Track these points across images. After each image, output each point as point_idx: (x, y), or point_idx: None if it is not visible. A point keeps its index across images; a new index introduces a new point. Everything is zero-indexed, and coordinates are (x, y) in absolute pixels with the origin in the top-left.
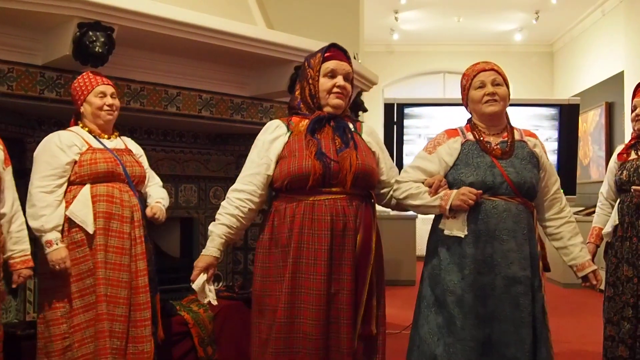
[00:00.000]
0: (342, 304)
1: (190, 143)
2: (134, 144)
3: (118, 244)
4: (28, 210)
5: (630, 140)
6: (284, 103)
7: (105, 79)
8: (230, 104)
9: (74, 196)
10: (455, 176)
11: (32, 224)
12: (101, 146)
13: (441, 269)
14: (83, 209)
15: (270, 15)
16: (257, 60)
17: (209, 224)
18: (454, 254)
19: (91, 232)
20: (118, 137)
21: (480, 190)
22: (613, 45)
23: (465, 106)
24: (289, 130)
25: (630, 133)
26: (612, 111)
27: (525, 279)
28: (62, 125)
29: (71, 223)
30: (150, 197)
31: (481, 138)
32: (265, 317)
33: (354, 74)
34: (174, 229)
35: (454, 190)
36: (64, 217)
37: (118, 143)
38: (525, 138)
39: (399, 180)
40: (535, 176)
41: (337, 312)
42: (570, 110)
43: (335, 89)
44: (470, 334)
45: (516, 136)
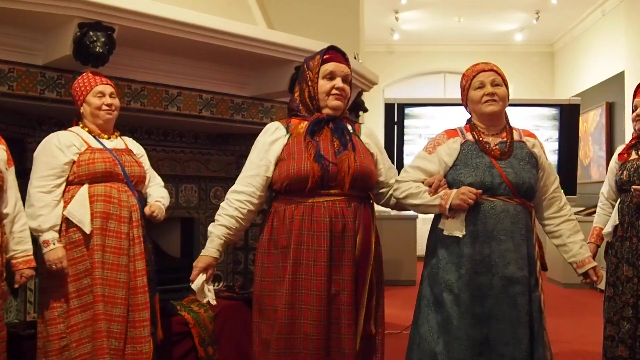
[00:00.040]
0: (343, 304)
1: (190, 143)
2: (136, 144)
3: (115, 244)
4: (26, 210)
5: (631, 140)
6: (285, 103)
7: (104, 79)
8: (231, 104)
9: (72, 196)
10: (454, 176)
11: (30, 223)
12: (100, 146)
13: (439, 268)
14: (80, 209)
15: (271, 15)
16: (258, 60)
17: (210, 224)
18: (452, 253)
19: (88, 232)
20: (119, 137)
21: (480, 190)
22: (613, 45)
23: (465, 106)
24: (288, 132)
25: (630, 133)
26: (613, 111)
27: (522, 279)
28: (63, 126)
29: (69, 223)
30: (150, 197)
31: (480, 138)
32: (265, 317)
33: (354, 74)
34: (175, 229)
35: (454, 190)
36: (61, 217)
37: (118, 143)
38: (524, 138)
39: (399, 180)
40: (533, 176)
41: (338, 313)
42: (571, 110)
43: (334, 91)
44: (466, 333)
45: (515, 136)
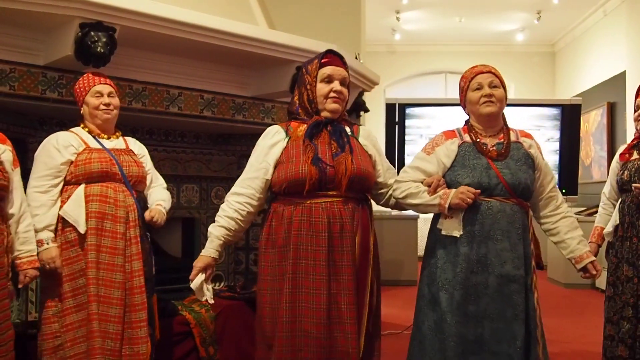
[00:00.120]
0: (345, 303)
1: (191, 143)
2: (138, 144)
3: (111, 244)
4: None
5: (633, 140)
6: (286, 103)
7: (102, 79)
8: (232, 104)
9: (69, 196)
10: (452, 177)
11: None
12: (99, 146)
13: (437, 267)
14: (76, 209)
15: (272, 16)
16: (259, 60)
17: (211, 224)
18: (449, 253)
19: (82, 232)
20: (121, 137)
21: (479, 190)
22: (615, 45)
23: (463, 107)
24: (287, 135)
25: (633, 133)
26: (614, 111)
27: (518, 278)
28: (64, 126)
29: (65, 222)
30: (151, 199)
31: (478, 140)
32: (264, 315)
33: (355, 75)
34: (176, 229)
35: (453, 190)
36: (57, 217)
37: (118, 143)
38: (521, 139)
39: (398, 180)
40: (530, 177)
41: (340, 312)
42: (572, 110)
43: (331, 94)
44: (457, 330)
45: (512, 137)
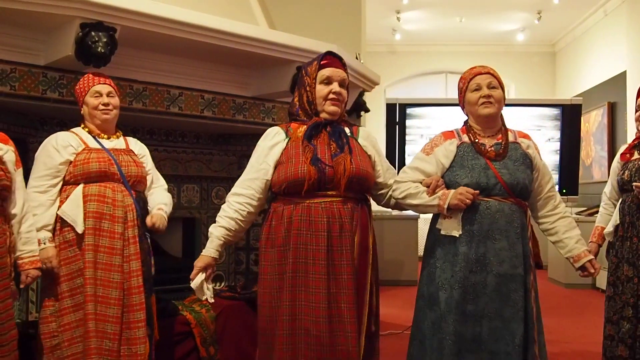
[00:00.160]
0: (344, 302)
1: (192, 143)
2: (139, 144)
3: (109, 244)
4: None
5: (634, 140)
6: (286, 103)
7: (102, 79)
8: (233, 104)
9: (68, 196)
10: (450, 178)
11: None
12: (98, 146)
13: (436, 267)
14: (74, 209)
15: (272, 16)
16: (259, 60)
17: (211, 224)
18: (448, 252)
19: (80, 232)
20: (121, 137)
21: (477, 190)
22: (615, 45)
23: (462, 108)
24: (287, 136)
25: (634, 133)
26: (615, 111)
27: (517, 277)
28: (65, 126)
29: (63, 222)
30: (151, 201)
31: (476, 140)
32: (264, 314)
33: (355, 76)
34: (176, 229)
35: (452, 190)
36: (55, 217)
37: (118, 143)
38: (519, 139)
39: (397, 180)
40: (528, 177)
41: (340, 311)
42: (573, 110)
43: (330, 96)
44: (455, 329)
45: (510, 138)
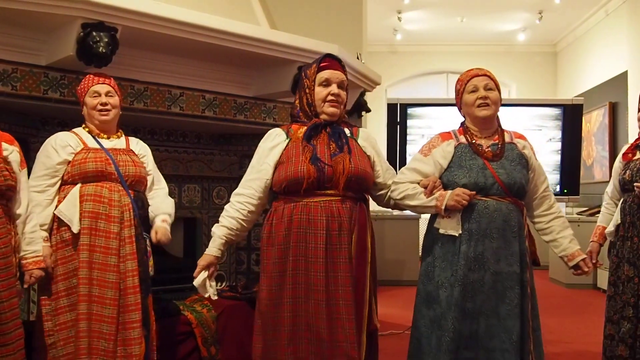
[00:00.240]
0: (342, 300)
1: (193, 143)
2: (141, 144)
3: (105, 243)
4: None
5: (636, 140)
6: (287, 103)
7: (101, 79)
8: (234, 104)
9: (66, 195)
10: (449, 178)
11: None
12: (97, 146)
13: (435, 266)
14: (70, 208)
15: (273, 16)
16: (260, 60)
17: (213, 224)
18: (447, 251)
19: (75, 232)
20: (122, 137)
21: (474, 192)
22: (616, 45)
23: (459, 109)
24: (288, 137)
25: (635, 133)
26: (616, 111)
27: (512, 274)
28: (66, 126)
29: (60, 222)
30: (154, 210)
31: (473, 141)
32: (263, 311)
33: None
34: (177, 229)
35: (449, 191)
36: (52, 216)
37: (118, 142)
38: (515, 140)
39: (396, 181)
40: (524, 177)
41: (338, 308)
42: (574, 110)
43: (329, 97)
44: (453, 326)
45: (506, 138)
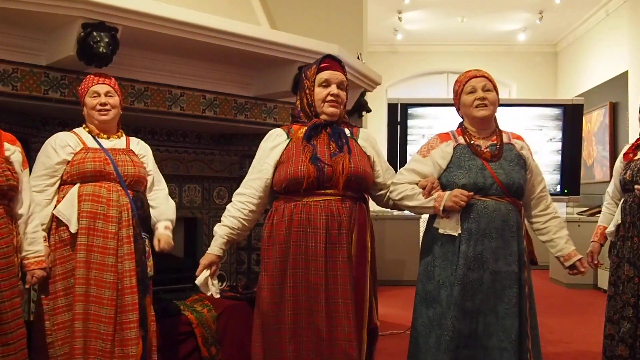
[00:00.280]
0: (341, 298)
1: (194, 143)
2: (141, 144)
3: (102, 243)
4: None
5: (637, 140)
6: (288, 103)
7: (101, 79)
8: (234, 104)
9: (64, 195)
10: (448, 178)
11: None
12: (96, 146)
13: (435, 266)
14: (69, 208)
15: (274, 16)
16: (261, 60)
17: (213, 224)
18: (447, 251)
19: (73, 232)
20: (123, 137)
21: (472, 192)
22: (617, 45)
23: (457, 110)
24: (288, 137)
25: (636, 133)
26: (616, 111)
27: (510, 274)
28: (67, 126)
29: (59, 222)
30: (157, 214)
31: (472, 142)
32: (263, 310)
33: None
34: (178, 229)
35: (447, 192)
36: (50, 216)
37: (118, 142)
38: (513, 141)
39: (394, 182)
40: (522, 177)
41: (337, 307)
42: (574, 110)
43: (329, 98)
44: (452, 324)
45: (504, 139)
